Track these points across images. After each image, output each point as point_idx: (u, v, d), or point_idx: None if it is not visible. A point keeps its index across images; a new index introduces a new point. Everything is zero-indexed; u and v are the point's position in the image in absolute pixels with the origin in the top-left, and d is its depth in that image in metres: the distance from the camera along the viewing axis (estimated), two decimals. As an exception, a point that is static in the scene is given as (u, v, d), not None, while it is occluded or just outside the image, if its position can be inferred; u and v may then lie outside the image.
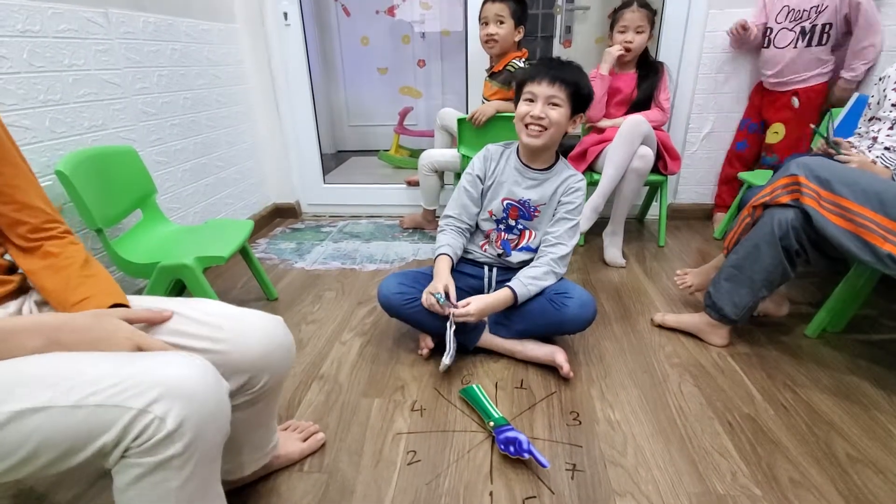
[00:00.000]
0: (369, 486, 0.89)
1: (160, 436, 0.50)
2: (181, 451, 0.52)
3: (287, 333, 0.77)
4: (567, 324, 1.18)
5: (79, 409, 0.49)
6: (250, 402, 0.74)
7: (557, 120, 1.13)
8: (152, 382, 0.51)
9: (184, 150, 1.74)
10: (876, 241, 0.99)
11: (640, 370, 1.20)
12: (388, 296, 1.22)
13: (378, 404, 1.10)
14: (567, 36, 2.86)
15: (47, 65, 1.20)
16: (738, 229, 1.24)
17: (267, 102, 2.24)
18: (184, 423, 0.51)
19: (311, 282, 1.73)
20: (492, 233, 1.28)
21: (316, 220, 2.40)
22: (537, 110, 1.13)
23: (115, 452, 0.51)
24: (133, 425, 0.50)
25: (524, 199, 1.23)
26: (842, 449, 0.94)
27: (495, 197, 1.26)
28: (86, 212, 1.13)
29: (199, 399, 0.53)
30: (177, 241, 1.35)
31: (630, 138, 1.69)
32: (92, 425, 0.50)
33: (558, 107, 1.13)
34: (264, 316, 0.74)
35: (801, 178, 1.09)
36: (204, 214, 1.86)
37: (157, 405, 0.50)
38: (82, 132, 1.30)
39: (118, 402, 0.50)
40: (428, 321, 1.22)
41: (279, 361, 0.74)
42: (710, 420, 1.03)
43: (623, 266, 1.78)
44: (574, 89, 1.13)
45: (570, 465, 0.92)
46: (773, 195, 1.14)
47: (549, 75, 1.12)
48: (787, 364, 1.21)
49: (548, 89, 1.12)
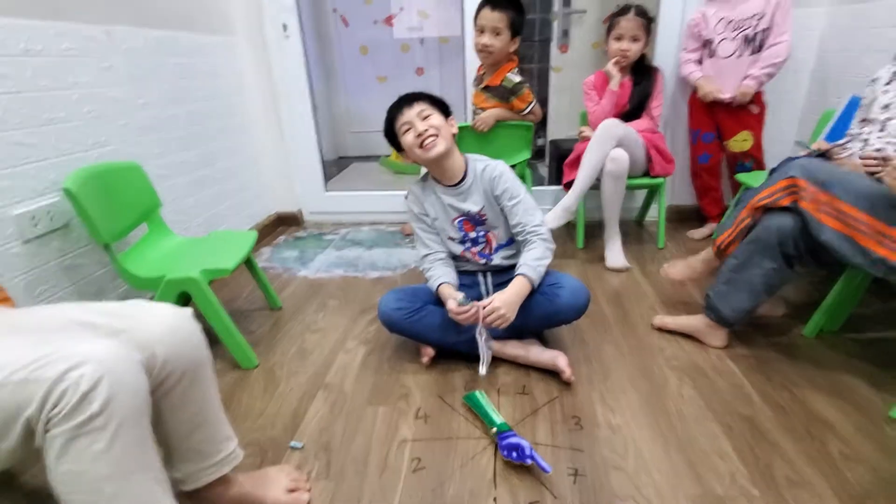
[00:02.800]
0: (375, 493, 0.90)
1: (76, 398, 0.54)
2: (99, 409, 0.56)
3: (192, 323, 0.77)
4: (561, 313, 1.21)
5: (2, 388, 0.54)
6: (165, 393, 0.73)
7: (438, 123, 1.19)
8: (65, 355, 0.56)
9: (186, 163, 1.76)
10: (869, 244, 1.00)
11: (639, 374, 1.22)
12: (389, 312, 1.24)
13: (383, 412, 1.12)
14: (564, 40, 2.88)
15: (51, 83, 1.22)
16: (735, 230, 1.25)
17: (268, 113, 2.27)
18: (97, 383, 0.56)
19: (315, 290, 1.75)
20: (465, 253, 1.32)
21: (318, 228, 2.42)
22: (420, 128, 1.17)
23: (39, 426, 0.55)
24: (51, 393, 0.54)
25: (465, 210, 1.26)
26: (836, 448, 0.96)
27: (443, 222, 1.30)
28: (93, 227, 1.15)
29: (109, 362, 0.58)
30: (182, 253, 1.37)
31: (602, 139, 1.71)
32: (16, 400, 0.55)
33: (431, 115, 1.19)
34: (168, 305, 0.77)
35: (801, 181, 1.10)
36: (207, 225, 1.88)
37: (72, 372, 0.55)
38: (87, 149, 1.33)
39: (35, 376, 0.55)
40: (429, 334, 1.25)
41: (183, 347, 0.74)
42: (709, 422, 1.04)
43: (627, 269, 1.78)
44: (432, 99, 1.21)
45: (572, 469, 0.94)
46: (772, 198, 1.15)
47: (407, 100, 1.20)
48: (785, 364, 1.23)
49: (412, 110, 1.18)
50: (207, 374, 0.80)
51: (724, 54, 1.86)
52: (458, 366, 1.26)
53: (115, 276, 1.41)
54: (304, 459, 0.99)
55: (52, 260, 1.23)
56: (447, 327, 1.23)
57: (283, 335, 1.46)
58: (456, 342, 1.24)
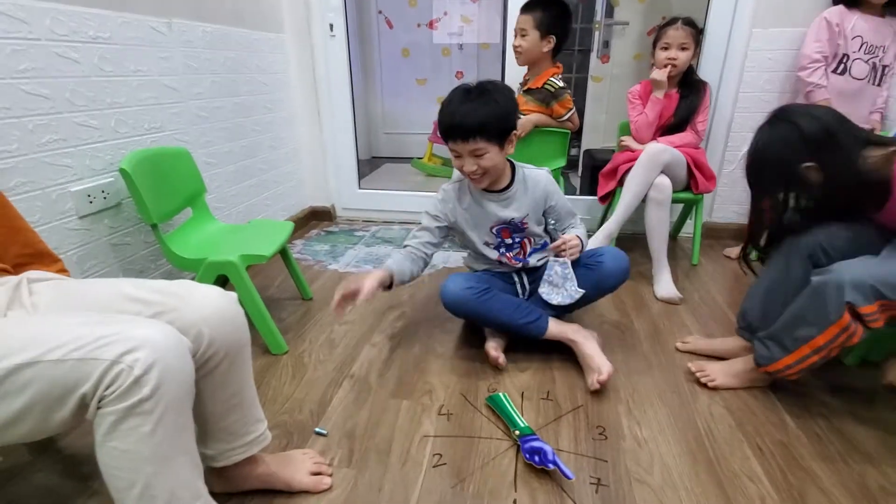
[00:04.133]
0: (396, 485, 0.91)
1: (129, 381, 0.58)
2: (149, 394, 0.59)
3: (237, 306, 0.80)
4: (607, 278, 1.26)
5: (63, 363, 0.58)
6: (207, 373, 0.76)
7: (490, 165, 1.15)
8: (123, 338, 0.59)
9: (231, 153, 1.83)
10: None
11: (669, 389, 1.19)
12: (458, 291, 1.22)
13: (406, 406, 1.13)
14: (605, 51, 2.86)
15: (115, 69, 1.29)
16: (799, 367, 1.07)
17: (309, 109, 2.33)
18: (150, 368, 0.59)
19: (344, 284, 1.78)
20: (500, 258, 1.32)
21: (350, 224, 2.46)
22: (468, 167, 1.15)
23: (92, 403, 0.59)
24: (107, 374, 0.58)
25: (508, 217, 1.26)
26: (875, 481, 0.92)
27: (479, 227, 1.29)
28: (143, 207, 1.21)
29: (161, 350, 0.61)
30: (223, 238, 1.42)
31: (648, 167, 1.68)
32: (74, 377, 0.58)
33: (485, 154, 1.13)
34: (216, 288, 0.80)
35: (864, 308, 0.93)
36: (246, 214, 1.94)
37: (127, 356, 0.58)
38: (143, 133, 1.40)
39: (95, 355, 0.58)
40: (499, 314, 1.23)
41: (228, 328, 0.77)
42: (740, 443, 1.01)
43: (679, 301, 1.63)
44: (493, 126, 1.11)
45: (594, 479, 0.93)
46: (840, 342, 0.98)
47: (460, 133, 1.11)
48: (823, 392, 1.18)
49: (465, 146, 1.12)
50: (246, 357, 0.83)
51: (858, 75, 1.74)
52: (484, 368, 1.26)
53: (158, 257, 1.47)
54: (327, 446, 1.01)
55: (102, 237, 1.29)
56: (517, 306, 1.25)
57: (312, 325, 1.49)
58: (525, 322, 1.24)
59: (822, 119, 1.02)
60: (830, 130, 1.01)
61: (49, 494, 0.90)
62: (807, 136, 1.01)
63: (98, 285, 0.77)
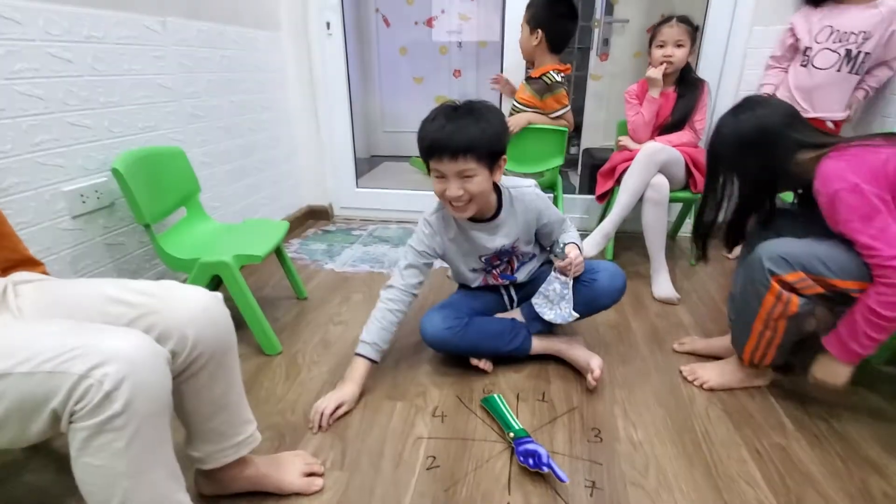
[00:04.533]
0: (388, 487, 0.90)
1: (100, 396, 0.56)
2: (120, 409, 0.57)
3: (222, 307, 0.78)
4: (600, 297, 1.21)
5: (33, 376, 0.56)
6: (192, 375, 0.74)
7: (477, 191, 1.03)
8: (93, 351, 0.57)
9: (227, 152, 1.82)
10: None
11: (665, 391, 1.18)
12: (439, 333, 1.18)
13: (400, 407, 1.12)
14: (604, 49, 2.85)
15: (108, 69, 1.28)
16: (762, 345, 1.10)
17: (306, 108, 2.32)
18: (120, 383, 0.57)
19: (340, 284, 1.77)
20: (487, 278, 1.28)
21: (347, 224, 2.45)
22: (453, 191, 1.02)
23: (64, 417, 0.57)
24: (76, 389, 0.56)
25: (497, 247, 1.19)
26: (878, 487, 0.90)
27: (467, 257, 1.22)
28: (136, 207, 1.20)
29: (133, 363, 0.59)
30: (217, 238, 1.41)
31: (645, 166, 1.66)
32: (43, 390, 0.56)
33: (473, 177, 1.01)
34: (200, 289, 0.78)
35: (786, 276, 1.00)
36: (242, 213, 1.94)
37: (97, 370, 0.56)
38: (136, 133, 1.39)
39: (63, 368, 0.56)
40: (481, 344, 1.22)
41: (213, 330, 0.75)
42: (738, 446, 1.00)
43: (677, 301, 1.63)
44: (485, 146, 1.00)
45: (589, 482, 0.91)
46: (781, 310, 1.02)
47: (450, 150, 0.98)
48: (822, 394, 1.16)
49: (453, 165, 1.00)
50: (233, 359, 0.81)
51: (821, 65, 1.74)
52: (478, 370, 1.25)
53: (153, 256, 1.46)
54: (319, 448, 1.00)
55: (96, 237, 1.28)
56: (499, 334, 1.23)
57: (307, 325, 1.48)
58: (509, 350, 1.23)
59: (761, 118, 1.06)
60: (766, 130, 1.04)
61: (42, 494, 0.90)
62: (741, 133, 1.07)
63: (81, 286, 0.76)
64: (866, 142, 0.99)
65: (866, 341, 0.95)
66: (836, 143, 1.00)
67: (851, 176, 0.93)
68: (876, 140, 0.98)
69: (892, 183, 0.92)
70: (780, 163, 1.04)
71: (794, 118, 1.06)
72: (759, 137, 1.05)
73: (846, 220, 0.94)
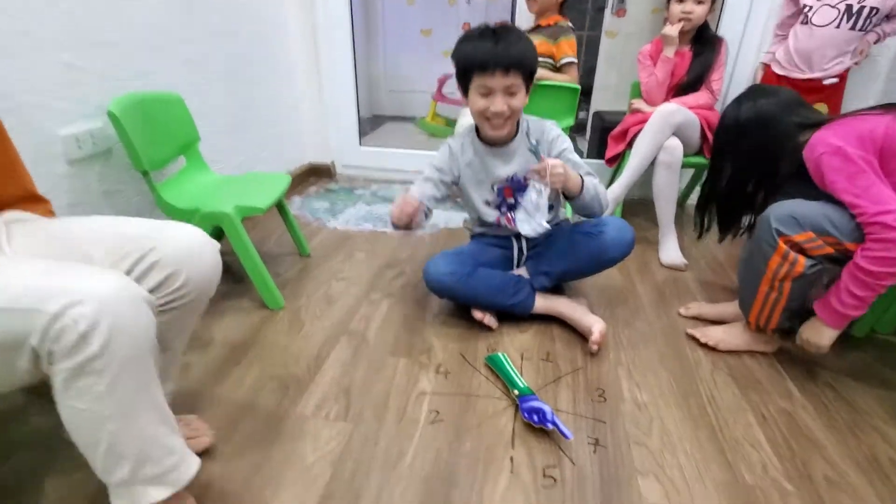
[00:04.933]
0: (392, 439, 0.90)
1: (75, 337, 0.54)
2: (98, 351, 0.55)
3: (212, 244, 0.77)
4: (609, 250, 1.20)
5: (11, 312, 0.54)
6: (167, 307, 0.72)
7: (519, 106, 1.09)
8: (69, 290, 0.55)
9: (227, 103, 1.75)
10: None
11: (671, 355, 1.17)
12: (440, 277, 1.20)
13: (404, 364, 1.11)
14: (620, 5, 2.71)
15: (104, 7, 1.21)
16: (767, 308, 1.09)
17: (308, 61, 2.23)
18: (96, 324, 0.55)
19: (343, 241, 1.74)
20: (500, 219, 1.26)
21: (350, 182, 2.40)
22: (498, 106, 1.06)
23: (43, 356, 0.55)
24: (51, 328, 0.54)
25: (510, 174, 1.19)
26: (885, 453, 0.90)
27: (480, 185, 1.23)
28: (133, 153, 1.16)
29: (111, 303, 0.56)
30: (218, 189, 1.37)
31: (659, 128, 1.60)
32: (20, 327, 0.54)
33: (517, 93, 1.07)
34: (199, 230, 0.76)
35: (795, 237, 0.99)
36: (242, 168, 1.88)
37: (71, 310, 0.54)
38: (133, 76, 1.32)
39: (38, 307, 0.54)
40: (482, 296, 1.21)
41: (202, 272, 0.74)
42: (744, 411, 1.00)
43: (685, 267, 1.60)
44: (529, 64, 1.06)
45: (592, 439, 0.91)
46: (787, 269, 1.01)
47: (503, 64, 1.02)
48: (830, 362, 1.15)
49: (503, 80, 1.04)
50: (202, 309, 0.80)
51: (820, 22, 1.66)
52: (482, 329, 1.24)
53: (152, 206, 1.42)
54: (323, 400, 0.99)
55: (93, 183, 1.24)
56: (501, 288, 1.21)
57: (309, 280, 1.46)
58: (511, 304, 1.22)
59: (761, 107, 1.08)
60: (765, 118, 1.07)
61: (46, 437, 0.89)
62: (741, 123, 1.10)
63: (75, 225, 0.74)
64: (862, 113, 1.00)
65: (849, 299, 0.94)
66: (833, 119, 1.01)
67: (835, 140, 0.95)
68: (875, 111, 0.99)
69: (879, 147, 0.93)
70: (779, 147, 1.06)
71: (795, 104, 1.08)
72: (758, 125, 1.08)
73: (832, 182, 0.96)
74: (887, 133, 0.92)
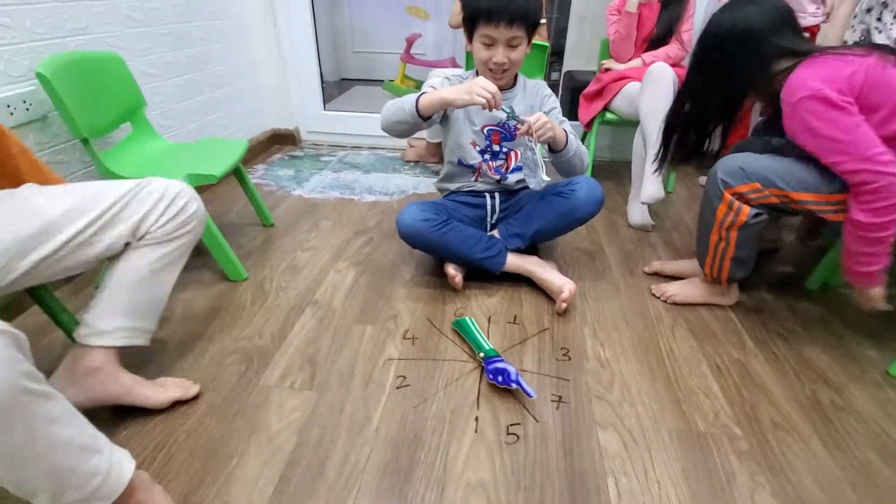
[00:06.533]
0: (358, 405, 0.91)
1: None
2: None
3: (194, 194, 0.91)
4: (579, 209, 1.22)
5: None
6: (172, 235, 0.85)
7: (519, 58, 1.12)
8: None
9: (175, 64, 1.64)
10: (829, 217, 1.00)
11: (634, 312, 1.20)
12: (413, 223, 1.17)
13: (370, 331, 1.10)
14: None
15: (21, -47, 1.09)
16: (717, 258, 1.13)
17: (265, 16, 2.10)
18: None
19: (309, 210, 1.69)
20: (481, 165, 1.26)
21: (315, 149, 2.32)
22: (499, 56, 1.10)
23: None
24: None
25: (501, 118, 1.19)
26: (827, 397, 0.95)
27: (470, 122, 1.22)
28: (69, 118, 1.08)
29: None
30: (168, 157, 1.30)
31: (663, 85, 1.52)
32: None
33: (519, 46, 1.10)
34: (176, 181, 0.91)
35: (738, 187, 1.04)
36: (198, 134, 1.79)
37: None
38: (65, 35, 1.22)
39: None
40: (455, 248, 1.20)
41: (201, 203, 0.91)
42: (699, 362, 1.03)
43: (651, 228, 1.61)
44: (532, 17, 1.08)
45: (555, 396, 0.94)
46: (731, 218, 1.06)
47: (508, 16, 1.05)
48: (784, 314, 1.20)
49: (507, 31, 1.07)
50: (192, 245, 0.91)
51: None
52: (451, 293, 1.24)
53: (95, 175, 1.34)
54: (288, 370, 0.99)
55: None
56: (475, 239, 1.21)
57: (273, 251, 1.43)
58: (482, 258, 1.21)
59: (746, 19, 0.99)
60: (748, 31, 0.99)
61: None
62: (721, 33, 1.02)
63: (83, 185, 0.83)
64: (844, 51, 0.94)
65: (866, 258, 0.94)
66: (813, 52, 0.96)
67: (815, 83, 0.90)
68: (856, 50, 0.94)
69: (857, 95, 0.90)
70: (754, 69, 1.00)
71: (784, 21, 0.99)
72: (736, 40, 1.00)
73: (812, 129, 0.91)
74: (866, 80, 0.89)
